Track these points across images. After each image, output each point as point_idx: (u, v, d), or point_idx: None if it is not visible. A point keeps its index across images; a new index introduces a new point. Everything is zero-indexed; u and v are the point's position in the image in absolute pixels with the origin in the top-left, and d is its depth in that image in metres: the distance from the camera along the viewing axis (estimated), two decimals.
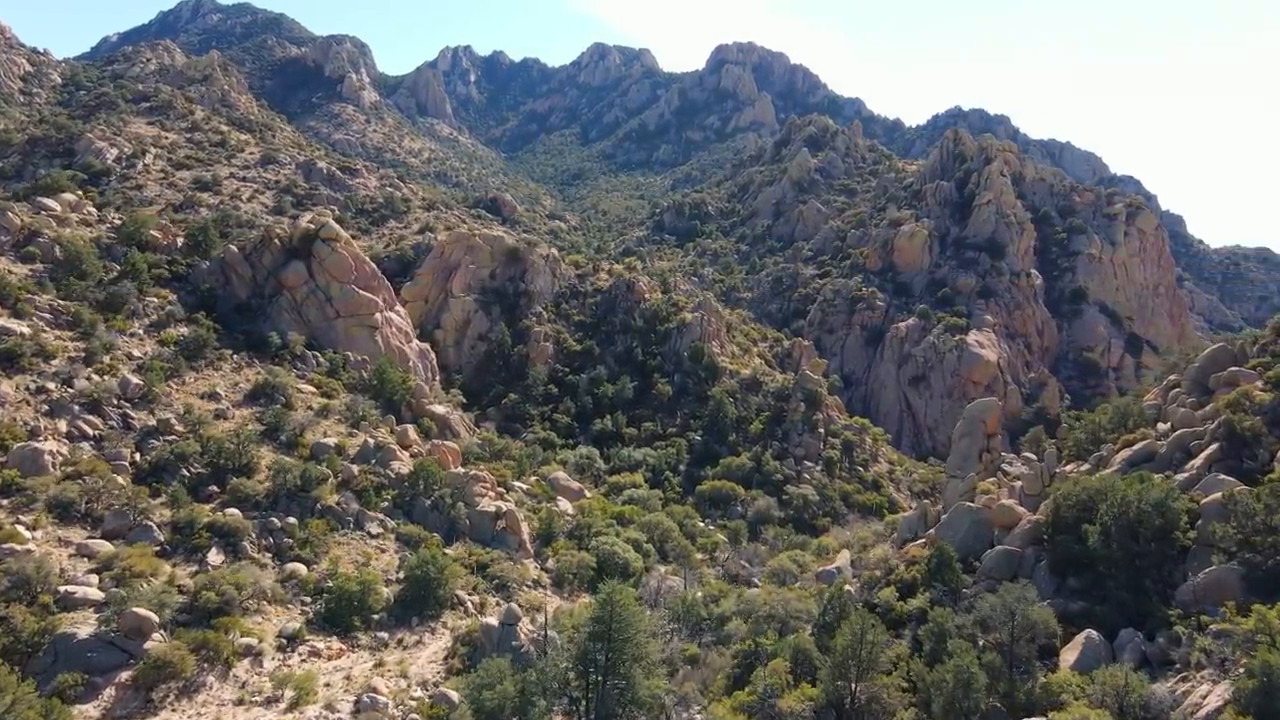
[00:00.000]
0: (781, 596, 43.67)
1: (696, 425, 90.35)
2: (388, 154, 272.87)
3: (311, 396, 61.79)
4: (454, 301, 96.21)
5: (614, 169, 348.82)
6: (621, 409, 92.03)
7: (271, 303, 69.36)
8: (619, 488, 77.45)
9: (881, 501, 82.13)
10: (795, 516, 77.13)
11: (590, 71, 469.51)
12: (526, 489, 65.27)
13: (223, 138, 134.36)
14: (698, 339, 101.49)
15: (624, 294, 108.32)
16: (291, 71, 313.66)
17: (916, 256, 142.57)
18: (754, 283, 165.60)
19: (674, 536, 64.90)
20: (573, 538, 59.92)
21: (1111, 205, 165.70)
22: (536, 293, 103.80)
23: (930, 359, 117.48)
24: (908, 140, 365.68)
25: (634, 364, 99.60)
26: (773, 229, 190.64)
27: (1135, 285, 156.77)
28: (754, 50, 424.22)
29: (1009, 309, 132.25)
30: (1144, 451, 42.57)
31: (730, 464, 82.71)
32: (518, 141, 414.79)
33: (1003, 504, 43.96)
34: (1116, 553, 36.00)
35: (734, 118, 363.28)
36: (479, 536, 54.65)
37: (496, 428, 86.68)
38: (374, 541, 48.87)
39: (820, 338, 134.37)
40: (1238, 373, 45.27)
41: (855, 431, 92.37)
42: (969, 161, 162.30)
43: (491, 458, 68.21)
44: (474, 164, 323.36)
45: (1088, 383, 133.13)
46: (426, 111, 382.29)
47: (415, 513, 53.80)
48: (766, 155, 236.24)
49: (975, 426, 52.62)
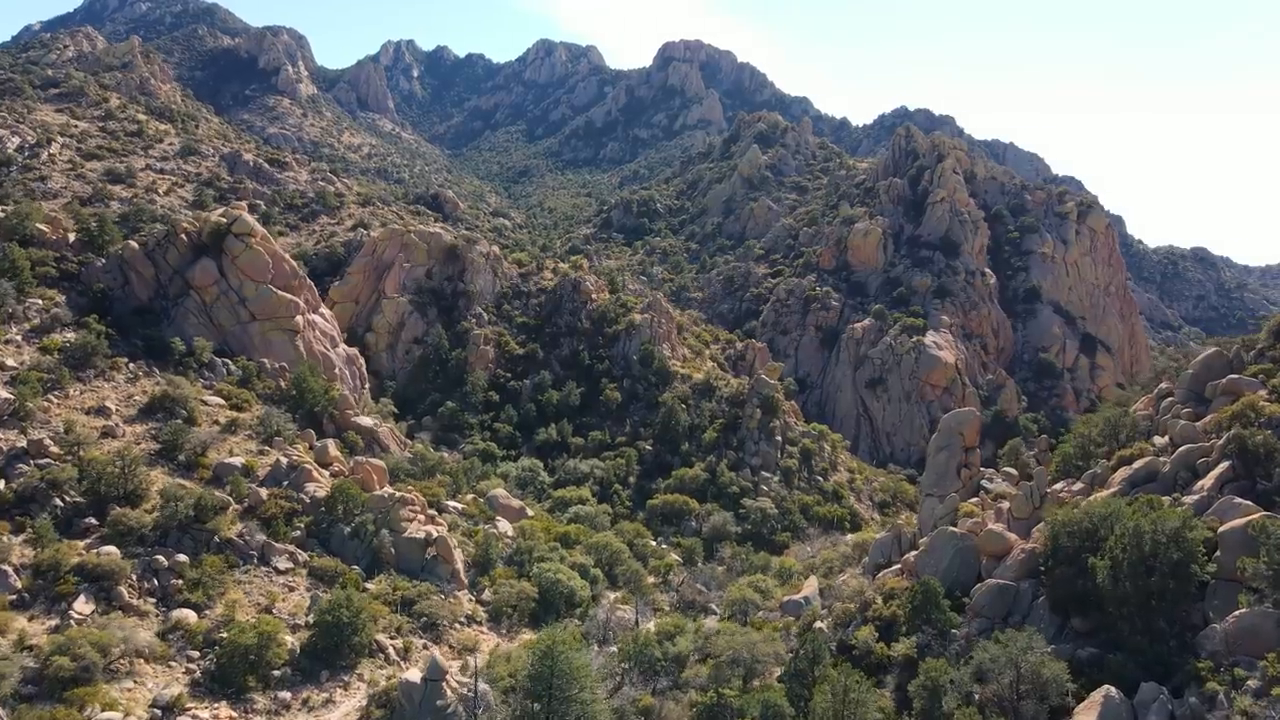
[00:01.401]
0: (746, 638, 38.58)
1: (647, 434, 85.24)
2: (326, 149, 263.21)
3: (219, 410, 55.21)
4: (387, 303, 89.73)
5: (561, 166, 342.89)
6: (567, 417, 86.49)
7: (177, 305, 62.46)
8: (565, 503, 71.97)
9: (843, 514, 77.82)
10: (753, 532, 72.38)
11: (536, 68, 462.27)
12: (462, 509, 59.40)
13: (140, 127, 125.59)
14: (648, 341, 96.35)
15: (570, 294, 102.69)
16: (224, 63, 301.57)
17: (871, 255, 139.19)
18: (705, 282, 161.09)
19: (624, 559, 59.64)
20: (512, 564, 54.31)
21: (1063, 204, 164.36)
22: (476, 293, 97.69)
23: (888, 361, 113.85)
24: (855, 139, 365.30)
25: (580, 368, 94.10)
26: (723, 227, 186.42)
27: (1087, 285, 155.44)
28: (701, 48, 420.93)
29: (965, 309, 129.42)
30: (1145, 471, 38.32)
31: (683, 475, 77.68)
32: (462, 138, 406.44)
33: (991, 530, 39.42)
34: (1128, 590, 31.57)
35: (682, 115, 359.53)
36: (406, 567, 48.75)
37: (432, 439, 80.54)
38: (281, 579, 42.69)
39: (774, 339, 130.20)
40: (1238, 381, 41.36)
41: (813, 438, 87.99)
42: (921, 158, 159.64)
43: (423, 475, 62.20)
44: (417, 160, 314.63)
45: (1044, 384, 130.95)
46: (368, 106, 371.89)
47: (333, 542, 47.72)
48: (716, 152, 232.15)
49: (953, 439, 48.17)
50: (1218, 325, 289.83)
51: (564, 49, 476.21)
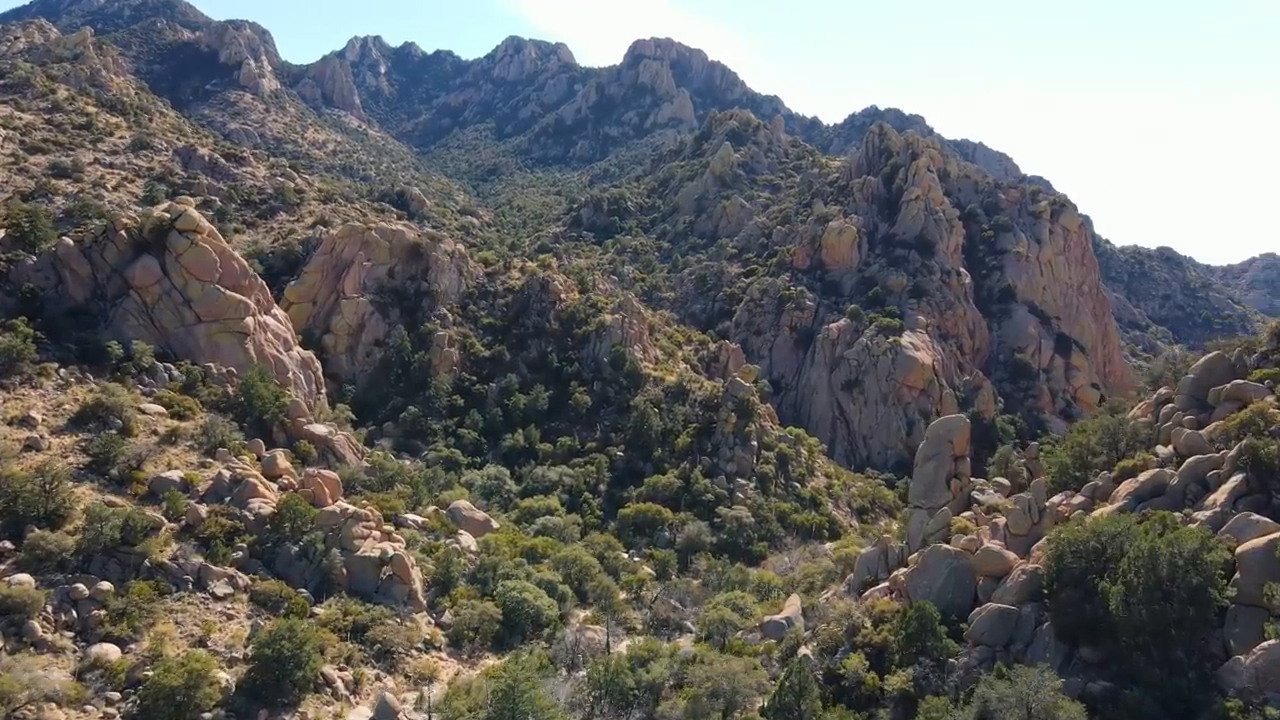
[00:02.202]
0: (726, 667, 35.61)
1: (618, 439, 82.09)
2: (289, 145, 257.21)
3: (158, 419, 51.32)
4: (346, 303, 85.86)
5: (530, 164, 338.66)
6: (535, 422, 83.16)
7: (115, 306, 58.35)
8: (532, 514, 68.66)
9: (821, 522, 75.16)
10: (729, 542, 69.45)
11: (506, 65, 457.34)
12: (422, 523, 55.91)
13: (89, 120, 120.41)
14: (619, 343, 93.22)
15: (538, 294, 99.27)
16: (184, 57, 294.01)
17: (846, 254, 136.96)
18: (676, 281, 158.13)
19: (594, 574, 56.48)
20: (475, 582, 50.94)
21: (1036, 203, 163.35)
22: (440, 293, 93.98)
23: (864, 362, 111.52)
24: (826, 138, 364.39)
25: (549, 371, 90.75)
26: (695, 225, 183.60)
27: (1061, 284, 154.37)
28: (672, 46, 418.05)
29: (940, 309, 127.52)
30: (1152, 484, 35.78)
31: (656, 483, 74.65)
32: (430, 136, 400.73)
33: (988, 548, 36.73)
34: (1144, 619, 28.94)
35: (652, 113, 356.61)
36: (359, 588, 45.22)
37: (394, 445, 76.96)
38: (219, 606, 39.06)
39: (747, 339, 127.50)
40: (1243, 386, 38.99)
41: (790, 443, 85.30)
42: (895, 157, 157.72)
43: (381, 486, 58.56)
44: (384, 158, 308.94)
45: (1019, 385, 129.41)
46: (333, 103, 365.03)
47: (278, 563, 44.08)
48: (687, 150, 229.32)
49: (941, 448, 45.45)
50: (1184, 325, 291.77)
51: (533, 46, 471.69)
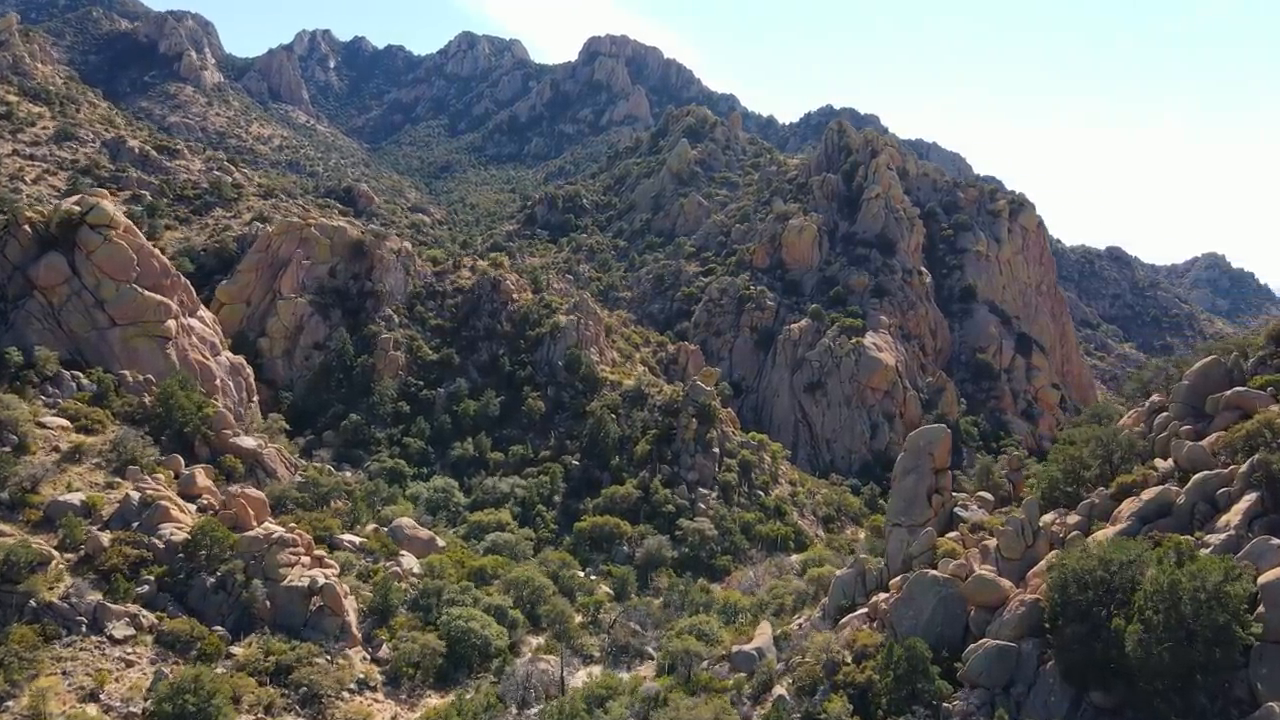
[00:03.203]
0: (693, 715, 31.83)
1: (574, 447, 78.03)
2: (232, 140, 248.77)
3: (61, 434, 46.32)
4: (283, 304, 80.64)
5: (484, 162, 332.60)
6: (486, 429, 78.75)
7: (16, 308, 53.05)
8: (482, 529, 64.37)
9: (787, 532, 71.83)
10: (691, 556, 65.79)
11: (459, 61, 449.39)
12: (360, 543, 51.39)
13: (9, 109, 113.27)
14: (574, 345, 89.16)
15: (489, 294, 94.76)
16: (121, 47, 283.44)
17: (806, 253, 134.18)
18: (633, 281, 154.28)
19: (548, 596, 52.43)
20: (418, 610, 46.62)
21: (994, 202, 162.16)
22: (385, 293, 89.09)
23: (826, 363, 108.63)
24: (782, 137, 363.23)
25: (500, 375, 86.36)
26: (652, 223, 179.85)
27: (1020, 283, 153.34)
28: (627, 44, 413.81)
29: (902, 309, 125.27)
30: (1157, 503, 32.67)
31: (614, 494, 70.72)
32: (381, 132, 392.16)
33: (980, 575, 33.39)
34: (1166, 662, 25.73)
35: (608, 111, 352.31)
36: (285, 622, 40.68)
37: (333, 456, 72.14)
38: (118, 651, 34.37)
39: (707, 340, 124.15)
40: (1244, 394, 36.13)
41: (753, 449, 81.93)
42: (855, 154, 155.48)
43: (316, 503, 53.93)
44: (332, 154, 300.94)
45: (981, 385, 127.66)
46: (280, 97, 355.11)
47: (191, 597, 39.41)
48: (644, 147, 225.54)
49: (921, 460, 42.13)
50: (1134, 323, 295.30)
51: (487, 42, 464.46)
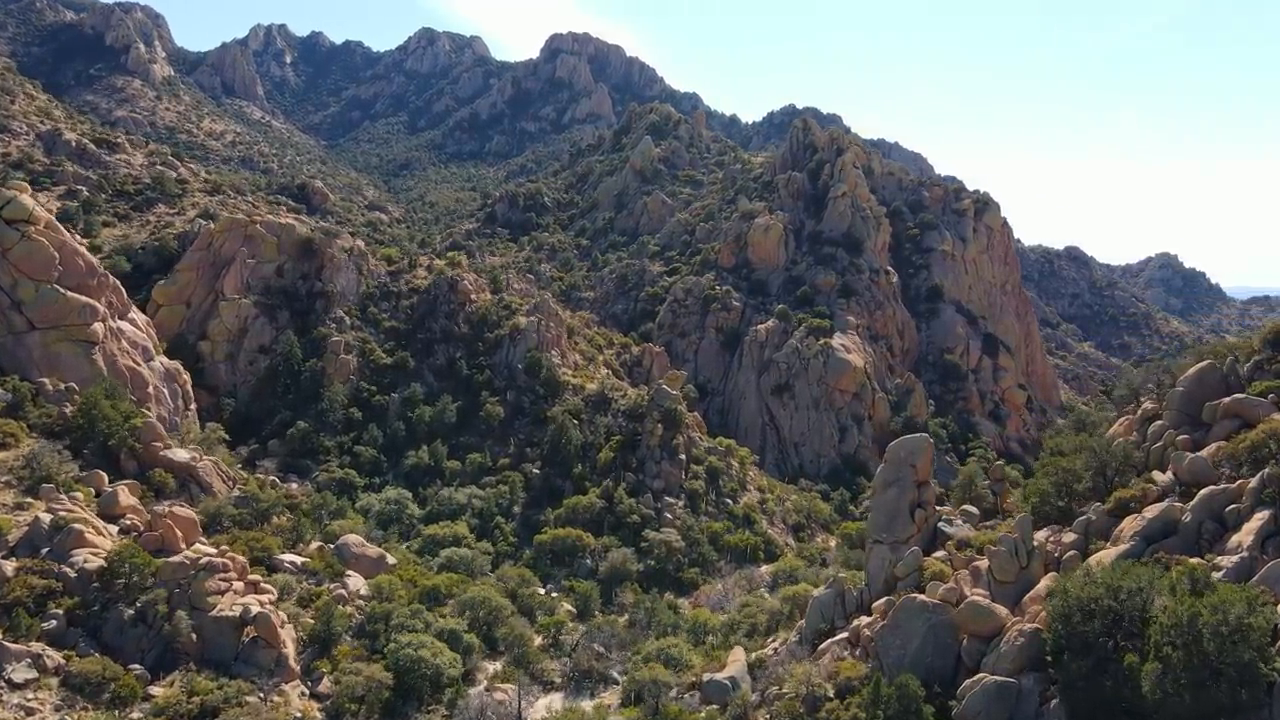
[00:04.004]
0: None
1: (534, 455, 74.77)
2: (182, 135, 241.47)
3: None
4: (226, 305, 76.41)
5: (444, 159, 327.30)
6: (442, 437, 75.24)
7: None
8: (437, 543, 60.95)
9: (756, 542, 69.13)
10: (657, 569, 62.83)
11: (418, 58, 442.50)
12: (302, 564, 47.73)
13: None
14: (534, 347, 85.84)
15: (446, 295, 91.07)
16: (66, 39, 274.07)
17: (772, 252, 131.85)
18: (596, 280, 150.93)
19: (505, 617, 49.15)
20: (364, 636, 43.20)
21: (960, 201, 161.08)
22: (336, 294, 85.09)
23: (794, 365, 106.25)
24: (745, 136, 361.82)
25: (458, 380, 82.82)
26: (615, 222, 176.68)
27: (985, 283, 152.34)
28: (590, 41, 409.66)
29: (870, 309, 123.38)
30: (1162, 521, 30.32)
31: (576, 505, 67.51)
32: (340, 128, 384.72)
33: (974, 601, 30.80)
34: (1188, 704, 23.26)
35: (570, 109, 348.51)
36: (214, 657, 37.11)
37: (279, 466, 68.24)
38: (17, 697, 30.61)
39: (672, 341, 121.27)
40: (1244, 402, 34.08)
41: (720, 455, 79.19)
42: (820, 152, 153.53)
43: (255, 520, 50.11)
44: (288, 150, 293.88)
45: (949, 386, 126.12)
46: (234, 92, 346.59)
47: (107, 632, 35.70)
48: (606, 145, 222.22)
49: (902, 472, 39.52)
50: (1092, 322, 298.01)
51: (447, 39, 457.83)
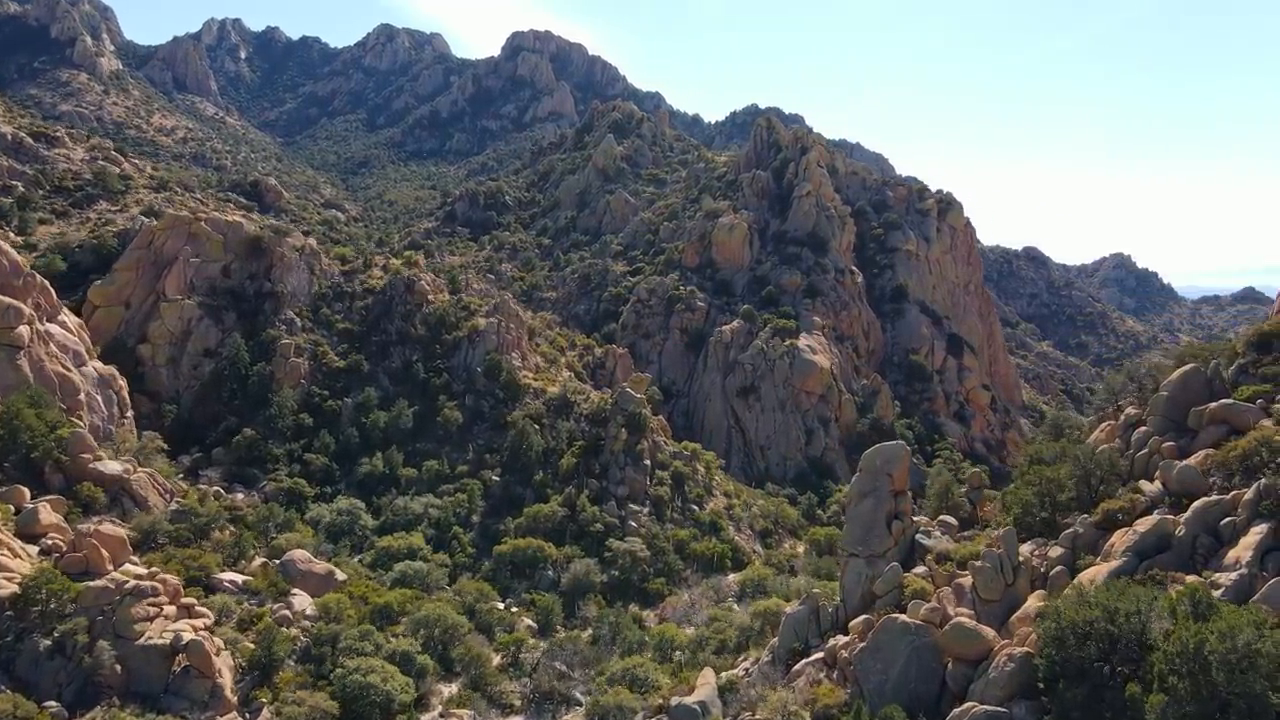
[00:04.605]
0: None
1: (494, 461, 72.11)
2: (131, 130, 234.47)
3: None
4: (168, 306, 72.80)
5: (404, 157, 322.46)
6: (397, 443, 72.27)
7: None
8: (391, 555, 58.13)
9: (723, 550, 67.08)
10: (621, 580, 60.58)
11: (377, 54, 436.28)
12: (243, 583, 44.81)
13: None
14: (494, 350, 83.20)
15: (402, 295, 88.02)
16: (9, 31, 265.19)
17: (737, 251, 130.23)
18: (558, 280, 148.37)
19: (462, 635, 46.60)
20: (309, 661, 40.45)
21: (923, 201, 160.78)
22: (287, 294, 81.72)
23: (760, 367, 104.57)
24: (708, 135, 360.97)
25: (414, 383, 79.86)
26: (577, 221, 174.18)
27: (949, 283, 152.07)
28: (551, 39, 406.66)
29: (835, 309, 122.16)
30: (1155, 536, 28.63)
31: (537, 513, 65.03)
32: (297, 126, 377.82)
33: (959, 623, 28.91)
34: None
35: (532, 107, 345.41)
36: (140, 689, 34.20)
37: (224, 476, 64.99)
38: None
39: (635, 343, 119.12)
40: (1231, 407, 32.58)
41: (685, 460, 77.10)
42: (785, 151, 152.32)
43: (193, 537, 47.02)
44: (242, 147, 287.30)
45: (914, 387, 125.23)
46: (186, 88, 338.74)
47: (20, 665, 32.66)
48: (568, 143, 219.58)
49: (878, 482, 37.64)
50: (1050, 322, 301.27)
51: (407, 35, 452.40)
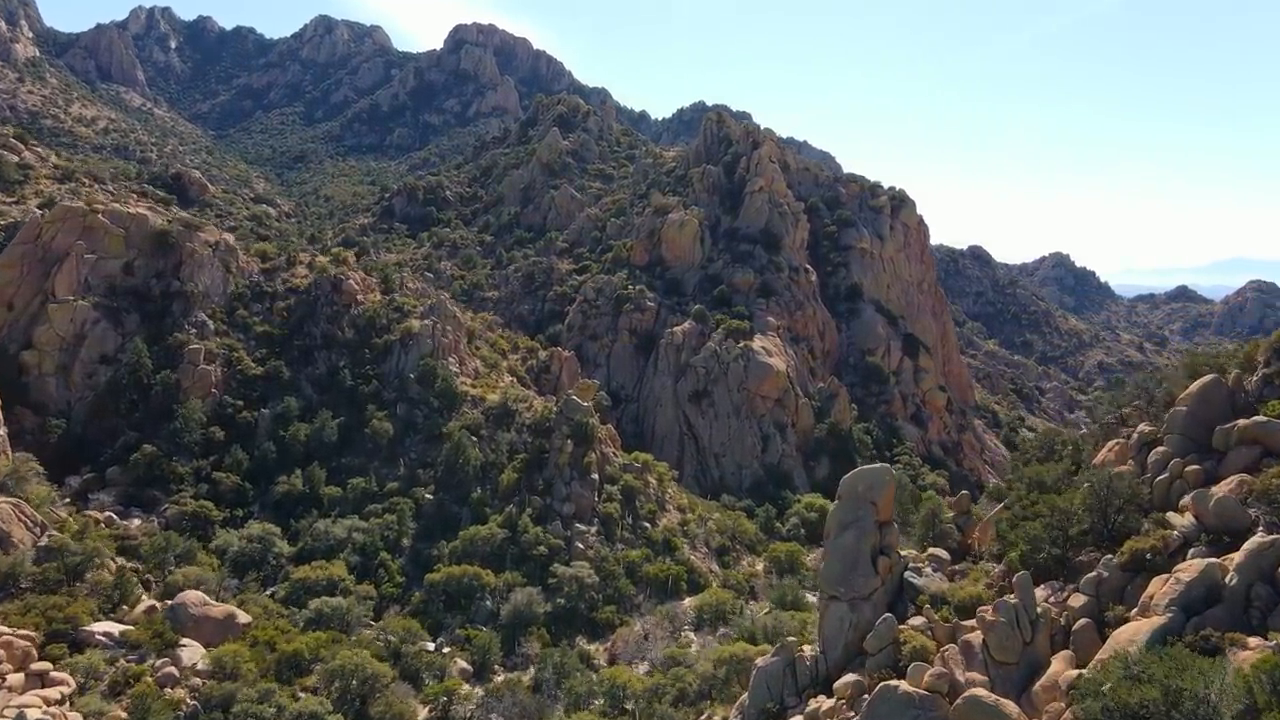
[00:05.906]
0: None
1: (427, 477, 65.90)
2: (47, 120, 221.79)
3: None
4: (57, 308, 65.25)
5: (342, 152, 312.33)
6: (320, 458, 65.67)
7: None
8: (307, 589, 51.73)
9: (678, 571, 61.76)
10: (568, 609, 54.97)
11: (315, 46, 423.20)
12: (120, 635, 38.30)
13: None
14: (429, 354, 76.90)
15: (329, 295, 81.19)
16: None
17: (688, 249, 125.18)
18: (501, 279, 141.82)
19: (383, 687, 40.61)
20: None
21: (876, 198, 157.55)
22: (198, 294, 74.45)
23: (712, 370, 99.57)
24: (655, 132, 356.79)
25: (340, 392, 73.19)
26: (521, 217, 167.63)
27: (903, 282, 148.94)
28: (495, 33, 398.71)
29: (790, 309, 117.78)
30: (1203, 585, 23.85)
31: (474, 536, 59.00)
32: (230, 118, 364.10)
33: (975, 697, 23.87)
34: None
35: (475, 102, 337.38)
36: None
37: (119, 499, 57.93)
38: None
39: (582, 344, 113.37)
40: (1264, 426, 28.02)
41: (636, 472, 71.69)
42: (736, 145, 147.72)
43: (65, 579, 40.33)
44: (169, 139, 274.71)
45: (871, 389, 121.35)
46: (111, 77, 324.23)
47: None
48: (512, 137, 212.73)
49: (862, 510, 32.61)
50: (996, 320, 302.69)
51: (346, 27, 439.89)
